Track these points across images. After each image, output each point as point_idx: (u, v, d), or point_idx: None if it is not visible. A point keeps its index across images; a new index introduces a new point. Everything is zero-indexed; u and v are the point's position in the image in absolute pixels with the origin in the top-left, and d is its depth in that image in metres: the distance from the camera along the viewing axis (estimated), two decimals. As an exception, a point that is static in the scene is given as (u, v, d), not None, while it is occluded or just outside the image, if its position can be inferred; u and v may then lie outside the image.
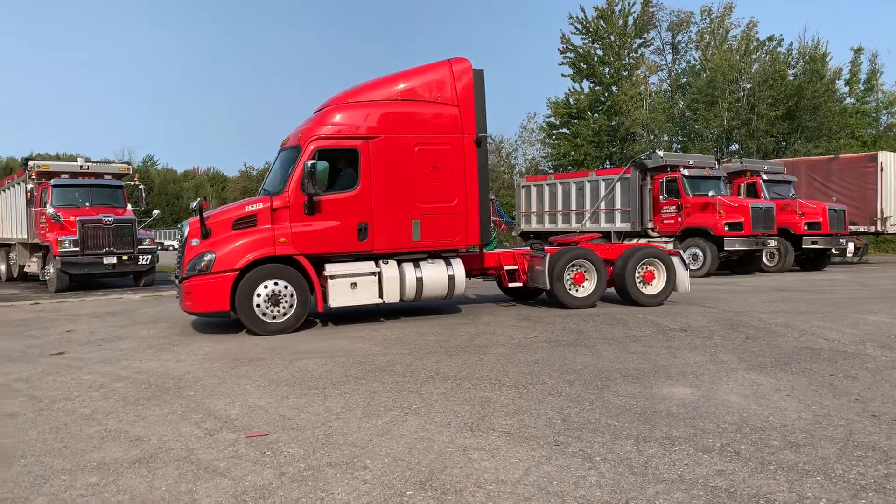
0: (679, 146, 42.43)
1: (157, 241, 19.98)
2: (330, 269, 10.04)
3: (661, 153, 20.70)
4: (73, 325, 11.30)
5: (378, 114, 10.40)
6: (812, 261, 21.42)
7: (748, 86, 39.18)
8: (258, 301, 9.58)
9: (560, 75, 47.90)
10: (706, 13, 45.07)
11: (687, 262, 12.32)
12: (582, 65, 46.55)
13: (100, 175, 19.48)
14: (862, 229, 23.83)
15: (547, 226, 23.49)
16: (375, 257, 10.38)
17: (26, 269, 20.16)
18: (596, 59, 46.18)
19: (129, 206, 19.27)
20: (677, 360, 7.25)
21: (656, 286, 11.92)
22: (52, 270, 17.38)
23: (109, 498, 3.87)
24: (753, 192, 21.25)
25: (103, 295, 16.62)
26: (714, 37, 44.62)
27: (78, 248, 17.09)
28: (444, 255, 10.93)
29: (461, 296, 11.30)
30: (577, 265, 11.62)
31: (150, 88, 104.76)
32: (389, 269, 10.35)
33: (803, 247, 20.40)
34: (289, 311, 9.75)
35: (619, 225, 21.02)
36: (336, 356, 7.95)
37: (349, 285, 10.08)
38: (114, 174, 19.89)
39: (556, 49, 48.06)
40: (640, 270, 11.84)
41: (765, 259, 20.19)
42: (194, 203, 10.05)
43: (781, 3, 71.27)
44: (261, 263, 9.68)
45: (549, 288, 11.40)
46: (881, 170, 23.83)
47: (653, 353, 7.66)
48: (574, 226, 22.14)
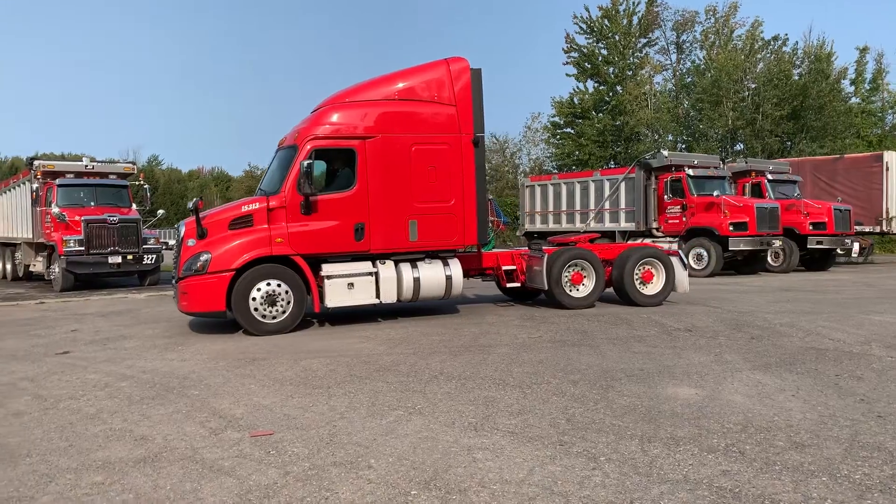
0: (683, 146, 42.33)
1: (162, 240, 20.01)
2: (327, 269, 10.01)
3: (665, 153, 20.67)
4: (78, 324, 11.34)
5: (375, 113, 10.35)
6: (817, 261, 21.35)
7: (753, 85, 39.06)
8: (254, 301, 9.54)
9: (564, 75, 47.83)
10: (711, 13, 45.06)
11: (686, 262, 12.27)
12: (586, 64, 46.49)
13: (105, 175, 19.53)
14: (867, 229, 23.75)
15: (551, 226, 23.45)
16: (372, 257, 10.35)
17: (31, 268, 20.24)
18: (600, 58, 46.12)
19: (134, 206, 19.30)
20: (682, 360, 7.24)
21: (655, 286, 11.89)
22: (57, 270, 17.42)
23: (114, 497, 3.88)
24: (758, 191, 21.21)
25: (108, 294, 16.67)
26: (719, 36, 44.52)
27: (83, 248, 17.12)
28: (441, 256, 10.89)
29: (459, 296, 11.30)
30: (575, 265, 11.58)
31: (154, 88, 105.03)
32: (386, 269, 10.32)
33: (808, 247, 20.33)
34: (285, 311, 9.71)
35: (624, 225, 20.98)
36: (340, 356, 7.95)
37: (346, 285, 10.04)
38: (119, 174, 19.93)
39: (560, 49, 48.09)
40: (638, 270, 11.81)
41: (769, 259, 20.14)
42: (191, 203, 10.03)
43: (786, 3, 71.23)
44: (257, 264, 9.65)
45: (546, 288, 11.37)
46: (887, 169, 23.73)
47: (657, 353, 7.66)
48: (578, 226, 22.10)
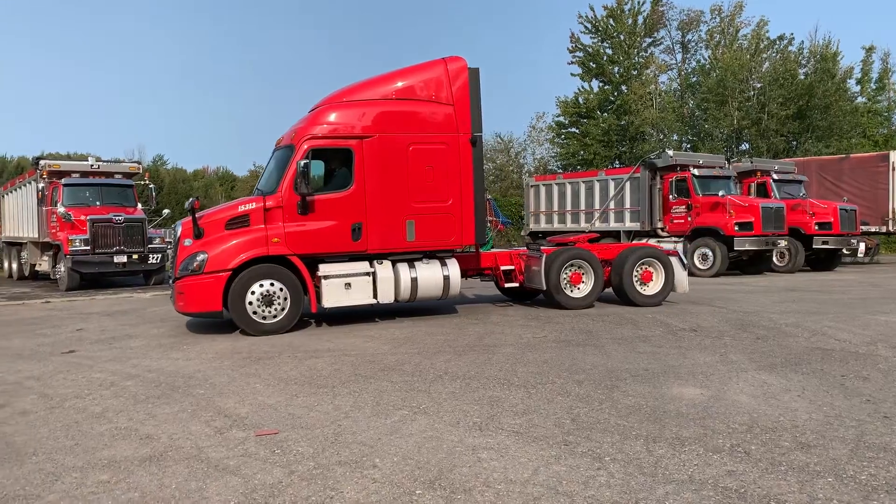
0: (689, 146, 42.21)
1: (167, 239, 20.06)
2: (324, 269, 9.97)
3: (670, 153, 20.63)
4: (83, 323, 11.37)
5: (372, 113, 10.31)
6: (823, 261, 21.30)
7: (758, 85, 38.95)
8: (251, 301, 9.52)
9: (569, 74, 47.71)
10: (716, 12, 44.83)
11: (685, 262, 12.21)
12: (591, 64, 46.36)
13: (110, 174, 19.59)
14: (873, 229, 23.68)
15: (556, 225, 23.43)
16: (370, 257, 10.32)
17: (37, 267, 20.31)
18: (605, 58, 45.99)
19: (140, 206, 19.38)
20: (687, 360, 7.22)
21: (654, 286, 11.84)
22: (62, 269, 17.49)
23: (120, 495, 3.89)
24: (764, 191, 21.16)
25: (114, 294, 16.72)
26: (724, 36, 44.35)
27: (89, 247, 17.20)
28: (439, 256, 10.85)
29: (456, 296, 11.26)
30: (573, 265, 11.53)
31: (159, 88, 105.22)
32: (384, 269, 10.29)
33: (814, 247, 20.28)
34: (282, 311, 9.68)
35: (629, 225, 20.96)
36: (345, 355, 7.96)
37: (343, 286, 10.01)
38: (124, 173, 19.98)
39: (565, 48, 47.96)
40: (637, 271, 11.76)
41: (775, 259, 20.09)
42: (187, 203, 10.03)
43: (792, 2, 70.84)
44: (254, 263, 9.63)
45: (545, 288, 11.32)
46: (893, 169, 23.65)
47: (662, 353, 7.64)
48: (583, 225, 22.08)
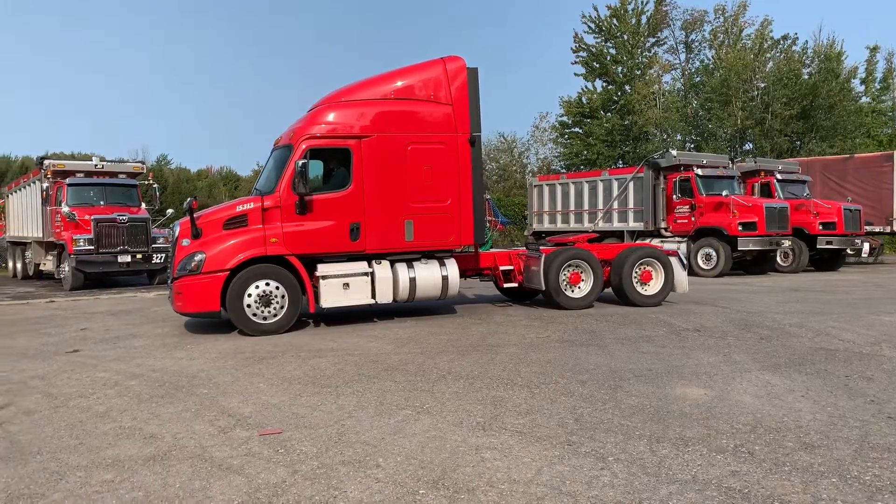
0: (692, 145, 42.14)
1: (171, 239, 20.12)
2: (322, 269, 9.95)
3: (674, 152, 20.60)
4: (87, 323, 11.40)
5: (370, 113, 10.29)
6: (827, 261, 21.24)
7: (762, 85, 38.87)
8: (249, 301, 9.50)
9: (573, 74, 47.75)
10: (720, 12, 44.69)
11: (685, 262, 12.17)
12: (595, 64, 46.31)
13: (114, 174, 19.61)
14: (877, 229, 23.60)
15: (559, 225, 23.41)
16: (368, 257, 10.30)
17: (42, 267, 20.36)
18: (609, 58, 45.94)
19: (144, 205, 19.41)
20: (691, 360, 7.22)
21: (654, 286, 11.81)
22: (67, 269, 17.53)
23: (124, 495, 3.90)
24: (767, 191, 21.12)
25: (117, 293, 16.75)
26: (728, 35, 44.27)
27: (93, 247, 17.22)
28: (437, 256, 10.84)
29: (455, 296, 11.24)
30: (572, 265, 11.49)
31: (163, 88, 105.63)
32: (382, 269, 10.28)
33: (818, 247, 20.23)
34: (280, 311, 9.66)
35: (632, 224, 20.94)
36: (348, 355, 7.97)
37: (341, 286, 9.99)
38: (128, 173, 20.01)
39: (568, 48, 47.97)
40: (637, 271, 11.74)
41: (779, 259, 20.06)
42: (185, 203, 10.00)
43: (796, 2, 70.64)
44: (252, 264, 9.61)
45: (544, 288, 11.28)
46: (897, 169, 23.60)
47: (666, 353, 7.63)
48: (587, 225, 22.06)
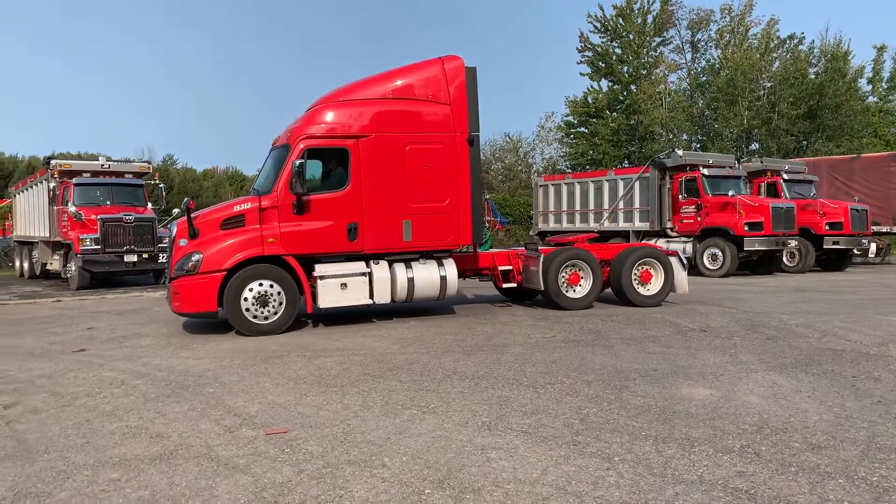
0: (698, 145, 42.04)
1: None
2: (319, 269, 9.94)
3: (680, 152, 20.54)
4: (94, 322, 11.44)
5: (368, 112, 10.26)
6: (833, 261, 21.16)
7: (769, 84, 38.75)
8: (246, 302, 9.48)
9: (578, 74, 47.63)
10: (726, 11, 44.61)
11: (685, 262, 12.09)
12: (600, 63, 46.30)
13: (120, 174, 19.66)
14: (884, 229, 23.49)
15: (565, 225, 23.38)
16: (366, 257, 10.28)
17: (48, 266, 20.43)
18: (615, 57, 45.91)
19: (150, 205, 19.47)
20: (697, 360, 7.20)
21: (654, 287, 11.76)
22: (73, 268, 17.59)
23: (131, 493, 3.92)
24: (774, 191, 21.04)
25: (124, 293, 16.80)
26: (734, 35, 44.14)
27: (99, 247, 17.29)
28: (436, 256, 10.81)
29: (453, 296, 11.21)
30: (572, 266, 11.44)
31: (169, 88, 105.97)
32: (380, 269, 10.26)
33: (824, 247, 20.14)
34: (277, 311, 9.64)
35: (638, 224, 20.88)
36: (354, 354, 7.98)
37: (339, 286, 9.97)
38: (134, 173, 20.05)
39: (574, 48, 47.93)
40: (637, 271, 11.70)
41: (785, 259, 19.99)
42: (182, 203, 9.99)
43: (802, 2, 70.39)
44: (249, 264, 9.59)
45: (542, 289, 11.23)
46: (904, 169, 23.50)
47: (672, 353, 7.62)
48: (592, 225, 22.02)
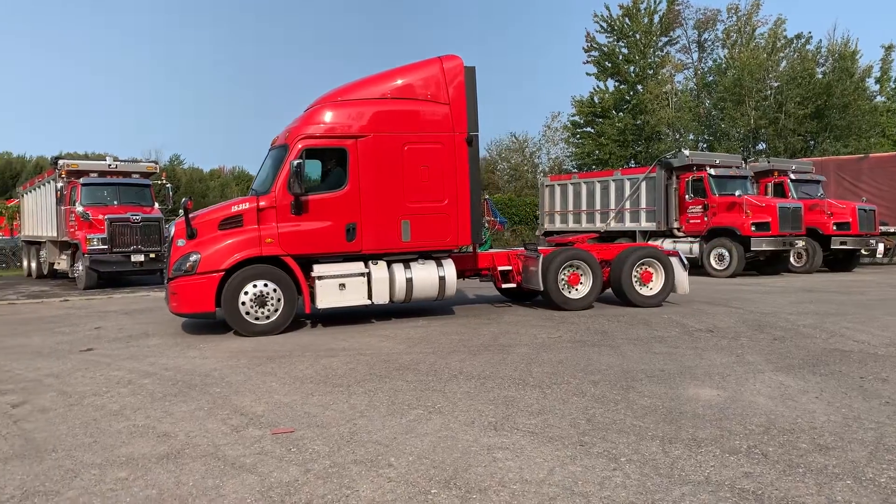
0: (705, 145, 41.94)
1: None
2: (318, 269, 9.93)
3: (686, 152, 20.49)
4: (101, 321, 11.48)
5: (367, 112, 10.24)
6: (841, 261, 21.06)
7: (776, 84, 38.60)
8: (244, 302, 9.48)
9: (585, 74, 47.65)
10: (733, 11, 44.41)
11: (685, 262, 12.04)
12: (607, 63, 46.20)
13: (128, 174, 19.74)
14: (892, 230, 23.37)
15: (571, 225, 23.34)
16: (365, 258, 10.27)
17: (56, 266, 20.52)
18: (621, 57, 45.81)
19: (157, 205, 19.54)
20: (703, 360, 7.18)
21: (654, 287, 11.73)
22: (80, 268, 17.67)
23: (138, 492, 3.93)
24: (781, 191, 20.96)
25: (131, 292, 16.87)
26: (741, 35, 43.94)
27: (106, 246, 17.36)
28: (434, 256, 10.79)
29: (452, 297, 11.19)
30: (571, 266, 11.40)
31: (176, 89, 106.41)
32: (379, 269, 10.24)
33: (832, 247, 20.05)
34: (275, 312, 9.63)
35: (645, 224, 20.84)
36: (360, 354, 7.98)
37: (337, 286, 9.96)
38: (141, 173, 20.14)
39: (580, 47, 47.86)
40: (637, 271, 11.66)
41: (792, 259, 19.91)
42: (181, 203, 9.98)
43: (810, 1, 70.15)
44: (247, 264, 9.58)
45: (542, 289, 11.19)
46: (912, 169, 23.37)
47: (678, 353, 7.60)
48: (598, 225, 22.00)
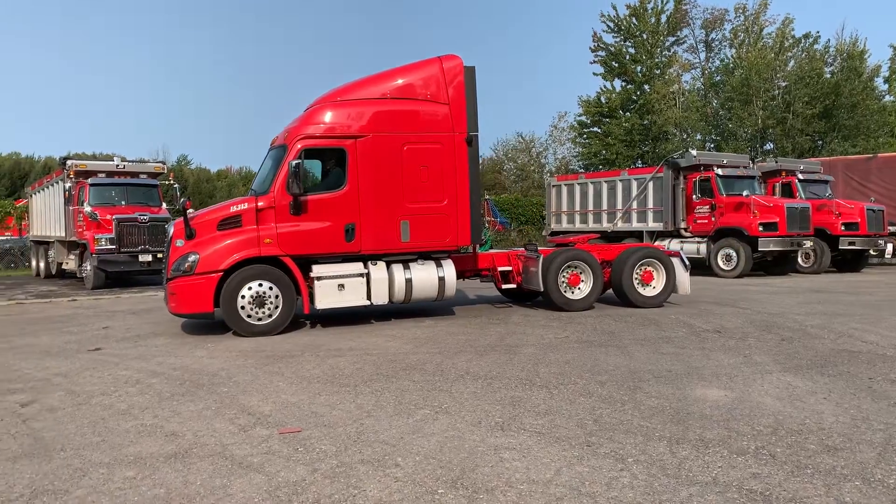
0: (712, 145, 41.79)
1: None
2: (317, 270, 9.91)
3: (694, 152, 20.43)
4: (109, 321, 11.53)
5: (366, 112, 10.21)
6: (849, 262, 20.96)
7: (783, 84, 38.45)
8: (243, 302, 9.46)
9: (592, 74, 47.51)
10: (740, 10, 44.25)
11: (686, 262, 11.97)
12: (614, 63, 46.09)
13: (135, 174, 19.78)
14: (901, 230, 23.27)
15: (577, 225, 23.29)
16: (364, 258, 10.24)
17: (64, 266, 20.60)
18: (628, 57, 45.70)
19: (164, 205, 19.59)
20: (711, 361, 7.16)
21: (655, 287, 11.68)
22: (88, 268, 17.73)
23: (146, 491, 3.95)
24: (789, 191, 20.88)
25: (138, 292, 16.93)
26: (748, 34, 43.79)
27: (114, 246, 17.42)
28: (434, 257, 10.76)
29: (451, 297, 11.17)
30: (572, 266, 11.35)
31: (184, 89, 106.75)
32: (378, 270, 10.21)
33: (840, 248, 19.95)
34: (274, 312, 9.62)
35: (652, 225, 20.79)
36: (367, 354, 7.99)
37: (336, 287, 9.94)
38: (149, 173, 20.18)
39: (587, 47, 47.75)
40: (638, 271, 11.62)
41: (800, 260, 19.83)
42: (179, 203, 9.98)
43: (818, 0, 69.84)
44: (246, 264, 9.57)
45: (542, 290, 11.14)
46: (922, 169, 23.24)
47: (686, 354, 7.58)
48: (605, 225, 21.96)
